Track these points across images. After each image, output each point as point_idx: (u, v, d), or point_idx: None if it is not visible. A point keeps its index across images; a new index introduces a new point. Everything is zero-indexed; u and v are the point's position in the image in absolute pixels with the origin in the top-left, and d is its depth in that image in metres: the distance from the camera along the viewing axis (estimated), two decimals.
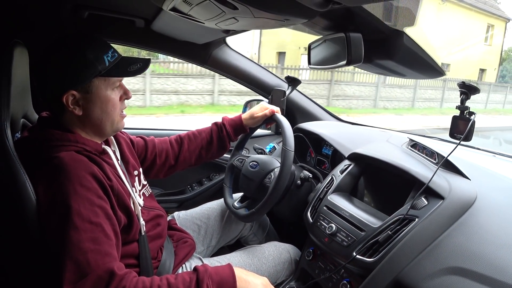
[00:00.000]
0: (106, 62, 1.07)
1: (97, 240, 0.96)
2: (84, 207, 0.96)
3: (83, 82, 1.05)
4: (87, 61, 1.04)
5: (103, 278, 0.93)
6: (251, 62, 2.14)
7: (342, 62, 1.19)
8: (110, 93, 1.11)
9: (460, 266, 0.96)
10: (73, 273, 0.91)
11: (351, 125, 2.13)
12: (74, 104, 1.06)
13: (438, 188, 1.13)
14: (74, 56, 1.04)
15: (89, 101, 1.08)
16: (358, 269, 1.19)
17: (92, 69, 1.05)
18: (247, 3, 0.92)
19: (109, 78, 1.10)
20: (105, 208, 1.02)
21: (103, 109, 1.11)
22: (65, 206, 0.95)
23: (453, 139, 1.15)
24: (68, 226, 0.93)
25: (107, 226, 1.00)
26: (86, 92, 1.07)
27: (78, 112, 1.07)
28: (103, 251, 0.96)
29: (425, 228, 1.07)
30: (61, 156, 1.00)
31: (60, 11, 1.58)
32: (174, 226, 1.52)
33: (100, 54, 1.06)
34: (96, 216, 0.98)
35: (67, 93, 1.04)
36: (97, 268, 0.93)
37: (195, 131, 1.60)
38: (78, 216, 0.95)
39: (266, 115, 1.57)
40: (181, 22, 1.32)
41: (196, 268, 1.06)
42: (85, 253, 0.93)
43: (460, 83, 1.11)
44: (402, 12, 1.24)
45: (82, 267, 0.92)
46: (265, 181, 1.53)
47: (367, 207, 1.34)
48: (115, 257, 0.99)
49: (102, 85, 1.09)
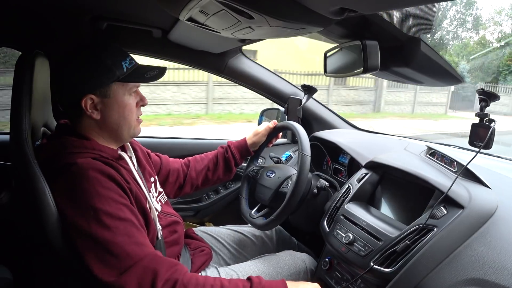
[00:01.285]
0: (124, 68, 1.10)
1: (130, 233, 0.99)
2: (110, 206, 0.99)
3: (102, 86, 1.08)
4: (105, 66, 1.08)
5: (150, 268, 0.96)
6: (267, 71, 2.15)
7: (358, 70, 1.19)
8: (127, 98, 1.14)
9: (481, 278, 0.94)
10: (115, 266, 0.94)
11: (368, 133, 2.12)
12: (92, 108, 1.09)
13: (458, 197, 1.11)
14: (93, 61, 1.07)
15: (107, 105, 1.11)
16: (375, 279, 1.17)
17: (110, 74, 1.08)
18: (263, 12, 0.93)
19: (127, 84, 1.13)
20: (128, 204, 1.04)
21: (121, 113, 1.13)
22: (92, 209, 0.97)
23: (472, 147, 1.12)
24: (99, 227, 0.96)
25: (135, 220, 1.03)
26: (104, 97, 1.10)
27: (96, 116, 1.10)
28: (140, 242, 0.99)
29: (445, 238, 1.05)
30: (78, 163, 1.03)
31: (79, 23, 1.61)
32: (192, 234, 1.53)
33: (118, 60, 1.10)
34: (123, 212, 1.01)
35: (85, 97, 1.07)
36: (139, 258, 0.96)
37: (202, 155, 1.65)
38: (107, 215, 0.97)
39: (269, 127, 1.64)
40: (197, 32, 1.33)
41: (250, 278, 1.08)
42: (123, 246, 0.95)
43: (480, 90, 1.09)
44: (418, 18, 1.23)
45: (124, 260, 0.95)
46: (282, 188, 1.53)
47: (385, 216, 1.32)
48: (152, 247, 1.02)
49: (120, 90, 1.12)
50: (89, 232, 0.96)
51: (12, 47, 1.75)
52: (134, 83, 1.15)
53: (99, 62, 1.07)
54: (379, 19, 1.09)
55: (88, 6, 1.50)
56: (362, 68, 1.15)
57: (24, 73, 1.08)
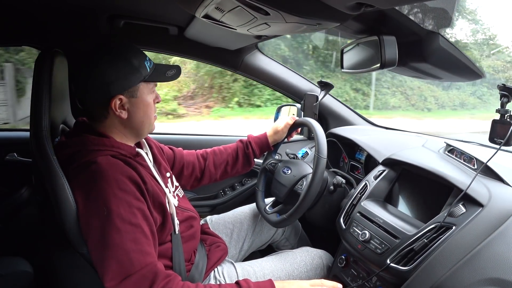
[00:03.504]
0: (147, 69, 1.14)
1: (138, 240, 1.01)
2: (124, 209, 1.01)
3: (130, 86, 1.11)
4: (133, 66, 1.11)
5: (148, 277, 0.98)
6: (283, 67, 2.14)
7: (375, 66, 1.18)
8: (150, 97, 1.18)
9: (501, 277, 0.92)
10: (117, 272, 0.97)
11: (385, 130, 2.09)
12: (120, 108, 1.12)
13: (477, 195, 1.09)
14: (121, 63, 1.10)
15: (133, 104, 1.14)
16: (392, 277, 1.16)
17: (138, 74, 1.12)
18: (279, 8, 0.92)
19: (149, 83, 1.17)
20: (143, 209, 1.06)
21: (145, 111, 1.17)
22: (107, 209, 0.99)
23: (493, 143, 1.10)
24: (110, 228, 0.99)
25: (145, 226, 1.05)
26: (132, 96, 1.13)
27: (124, 115, 1.13)
28: (144, 250, 1.01)
29: (463, 237, 1.03)
30: (98, 161, 1.05)
31: (97, 21, 1.63)
32: (207, 230, 1.54)
33: (142, 60, 1.13)
34: (135, 217, 1.03)
35: (115, 98, 1.10)
36: (140, 267, 0.98)
37: (221, 147, 1.65)
38: (119, 218, 0.99)
39: (288, 123, 1.63)
40: (213, 28, 1.34)
41: (238, 282, 1.10)
42: (128, 253, 0.98)
43: (501, 85, 1.07)
44: (437, 13, 1.20)
45: (126, 267, 0.97)
46: (297, 187, 1.52)
47: (402, 214, 1.31)
48: (155, 256, 1.04)
49: (145, 90, 1.16)
50: (99, 231, 0.99)
51: (31, 45, 1.78)
52: (154, 82, 1.19)
53: (127, 63, 1.10)
54: (397, 14, 1.07)
55: (106, 4, 1.52)
56: (380, 63, 1.14)
57: (43, 71, 1.11)
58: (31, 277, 1.56)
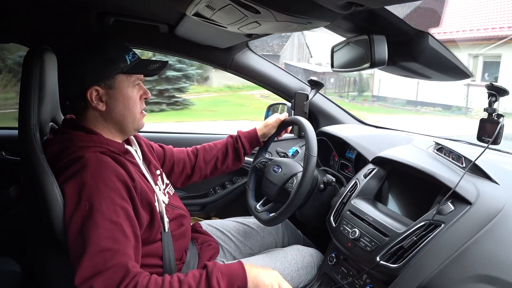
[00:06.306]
0: (128, 61, 1.13)
1: (116, 239, 0.99)
2: (106, 206, 1.00)
3: (106, 78, 1.11)
4: (110, 58, 1.11)
5: (117, 275, 0.96)
6: (274, 66, 2.14)
7: (366, 65, 1.18)
8: (131, 90, 1.17)
9: (489, 274, 0.93)
10: (88, 269, 0.95)
11: (375, 128, 2.10)
12: (97, 99, 1.12)
13: (465, 193, 1.10)
14: (98, 54, 1.10)
15: (111, 96, 1.13)
16: (381, 275, 1.17)
17: (115, 66, 1.11)
18: (270, 7, 0.92)
19: (131, 76, 1.15)
20: (126, 209, 1.05)
21: (125, 105, 1.16)
22: (89, 204, 0.99)
23: (481, 142, 1.11)
24: (89, 223, 0.97)
25: (127, 227, 1.03)
26: (109, 88, 1.12)
27: (101, 107, 1.13)
28: (121, 250, 0.99)
29: (452, 234, 1.04)
30: (86, 157, 1.05)
31: (86, 18, 1.62)
32: (199, 229, 1.53)
33: (122, 53, 1.13)
34: (117, 215, 1.01)
35: (91, 88, 1.09)
36: (112, 266, 0.96)
37: (211, 143, 1.64)
38: (100, 214, 0.98)
39: (279, 119, 1.62)
40: (204, 27, 1.33)
41: (205, 264, 1.09)
42: (103, 251, 0.96)
43: (489, 84, 1.08)
44: (426, 12, 1.21)
45: (98, 264, 0.95)
46: (287, 185, 1.53)
47: (392, 212, 1.32)
48: (131, 257, 1.02)
49: (124, 82, 1.14)
50: (79, 225, 0.98)
51: (20, 42, 1.76)
52: (137, 75, 1.17)
53: (104, 55, 1.10)
54: (387, 13, 1.08)
55: (95, 1, 1.51)
56: (370, 62, 1.14)
57: (32, 68, 1.09)
58: (19, 277, 1.54)
